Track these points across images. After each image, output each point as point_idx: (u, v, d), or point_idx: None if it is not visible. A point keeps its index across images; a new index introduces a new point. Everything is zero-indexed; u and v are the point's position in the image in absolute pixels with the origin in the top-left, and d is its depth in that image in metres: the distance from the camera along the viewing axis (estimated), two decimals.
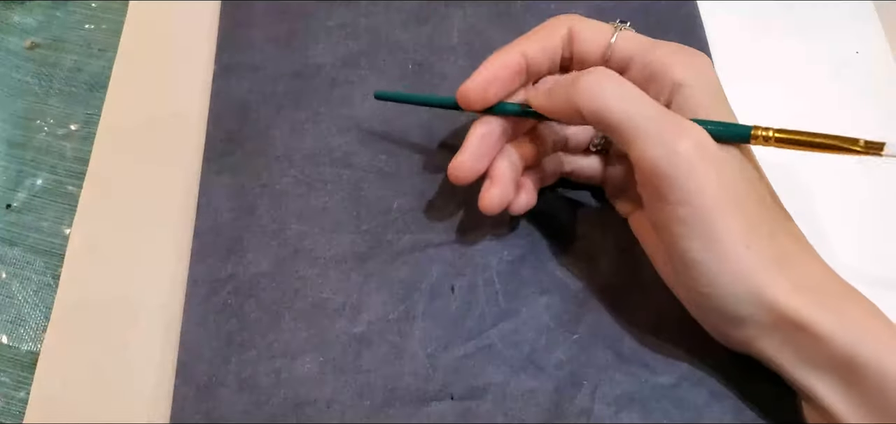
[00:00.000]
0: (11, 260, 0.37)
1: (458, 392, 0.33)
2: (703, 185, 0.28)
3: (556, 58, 0.33)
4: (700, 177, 0.28)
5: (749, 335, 0.30)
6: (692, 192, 0.28)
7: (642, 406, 0.32)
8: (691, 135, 0.28)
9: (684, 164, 0.28)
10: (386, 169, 0.38)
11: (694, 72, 0.31)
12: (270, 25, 0.43)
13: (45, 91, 0.43)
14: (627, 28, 0.33)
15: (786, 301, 0.28)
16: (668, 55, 0.31)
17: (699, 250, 0.28)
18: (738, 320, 0.29)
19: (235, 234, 0.36)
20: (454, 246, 0.36)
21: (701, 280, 0.29)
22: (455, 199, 0.37)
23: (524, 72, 0.33)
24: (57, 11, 0.46)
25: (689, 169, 0.28)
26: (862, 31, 0.43)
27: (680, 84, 0.30)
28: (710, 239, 0.28)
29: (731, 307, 0.29)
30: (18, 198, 0.39)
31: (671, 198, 0.28)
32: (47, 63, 0.44)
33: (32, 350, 0.35)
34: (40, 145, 0.41)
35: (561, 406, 0.32)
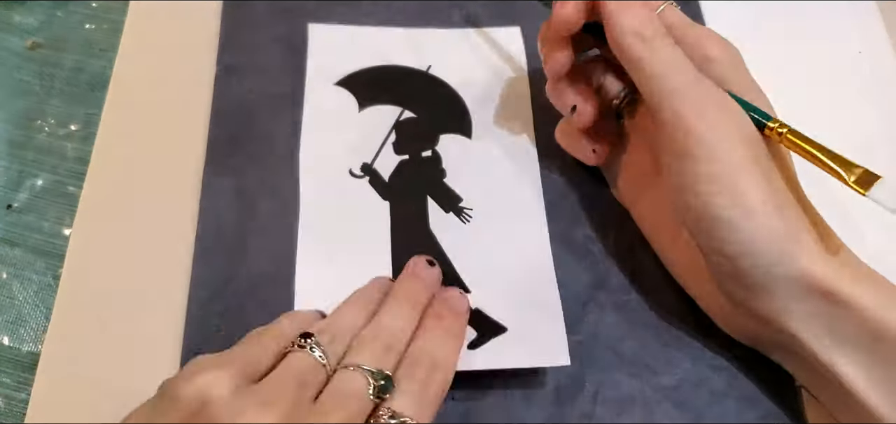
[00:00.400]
0: (12, 260, 0.37)
1: (459, 393, 0.32)
2: (733, 145, 0.29)
3: None
4: (730, 135, 0.29)
5: (775, 307, 0.29)
6: (721, 149, 0.29)
7: (643, 408, 0.32)
8: (722, 98, 0.30)
9: (714, 120, 0.29)
10: None
11: (726, 52, 0.33)
12: (272, 26, 0.43)
13: (46, 91, 0.43)
14: (675, 7, 0.34)
15: (820, 268, 0.28)
16: (705, 35, 0.33)
17: (727, 207, 0.29)
18: (767, 286, 0.29)
19: (237, 235, 0.36)
20: None
21: (730, 239, 0.29)
22: None
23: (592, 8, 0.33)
24: (58, 11, 0.46)
25: (718, 125, 0.29)
26: (864, 30, 0.43)
27: (712, 58, 0.32)
28: (739, 194, 0.29)
29: (761, 271, 0.29)
30: (19, 198, 0.39)
31: (699, 154, 0.29)
32: (48, 63, 0.44)
33: (33, 350, 0.35)
34: (41, 145, 0.41)
35: (562, 407, 0.32)
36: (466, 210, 0.37)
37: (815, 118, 0.41)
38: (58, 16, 0.45)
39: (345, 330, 0.30)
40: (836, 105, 0.41)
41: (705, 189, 0.29)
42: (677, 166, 0.30)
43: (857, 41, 0.43)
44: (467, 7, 0.44)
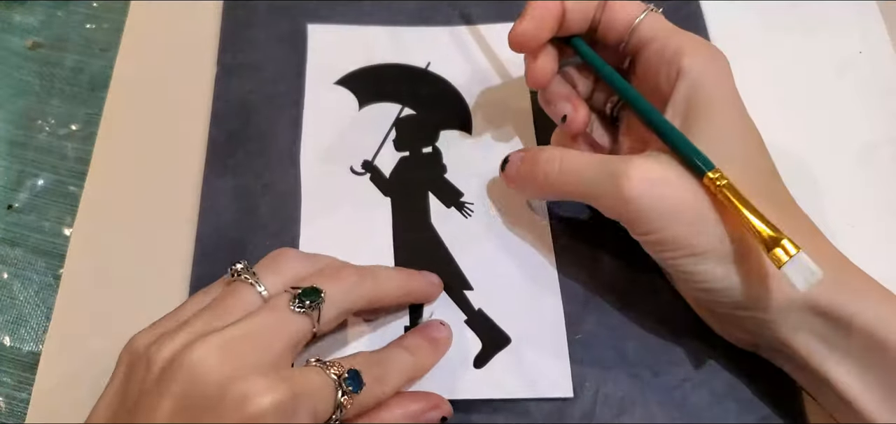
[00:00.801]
0: (13, 260, 0.37)
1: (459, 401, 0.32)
2: (675, 211, 0.29)
3: (589, 17, 0.34)
4: (669, 202, 0.29)
5: (764, 320, 0.30)
6: (663, 221, 0.29)
7: (643, 409, 0.32)
8: (632, 177, 0.29)
9: (637, 203, 0.29)
10: None
11: (705, 63, 0.32)
12: (272, 25, 0.43)
13: (47, 91, 0.43)
14: (658, 12, 0.34)
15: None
16: (684, 43, 0.32)
17: (690, 263, 0.30)
18: (753, 306, 0.29)
19: (237, 235, 0.36)
20: None
21: (704, 287, 0.30)
22: None
23: (561, 21, 0.34)
24: (58, 11, 0.46)
25: (647, 205, 0.29)
26: (865, 30, 0.43)
27: (683, 71, 0.31)
28: (697, 250, 0.29)
29: (746, 296, 0.29)
30: (20, 198, 0.39)
31: (645, 230, 0.30)
32: (49, 63, 0.44)
33: (34, 350, 0.35)
34: (42, 145, 0.41)
35: (563, 407, 0.32)
36: (468, 204, 0.37)
37: (816, 118, 0.41)
38: (58, 15, 0.45)
39: (287, 270, 0.31)
40: (837, 105, 0.41)
41: (662, 252, 0.30)
42: (632, 232, 0.31)
43: (857, 41, 0.43)
44: (466, 7, 0.44)
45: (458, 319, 0.34)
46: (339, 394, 0.27)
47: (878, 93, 0.41)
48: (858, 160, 0.39)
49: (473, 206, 0.37)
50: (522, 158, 0.34)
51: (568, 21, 0.34)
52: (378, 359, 0.30)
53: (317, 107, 0.40)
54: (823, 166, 0.39)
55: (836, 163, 0.39)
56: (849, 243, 0.36)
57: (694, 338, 0.33)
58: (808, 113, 0.41)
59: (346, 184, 0.38)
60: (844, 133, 0.40)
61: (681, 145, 0.30)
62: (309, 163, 0.38)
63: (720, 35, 0.43)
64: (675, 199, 0.29)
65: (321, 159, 0.39)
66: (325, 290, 0.29)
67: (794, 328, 0.29)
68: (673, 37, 0.32)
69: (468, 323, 0.34)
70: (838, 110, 0.41)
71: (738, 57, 0.42)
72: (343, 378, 0.27)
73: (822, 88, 0.41)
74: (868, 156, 0.39)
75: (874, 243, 0.37)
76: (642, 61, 0.34)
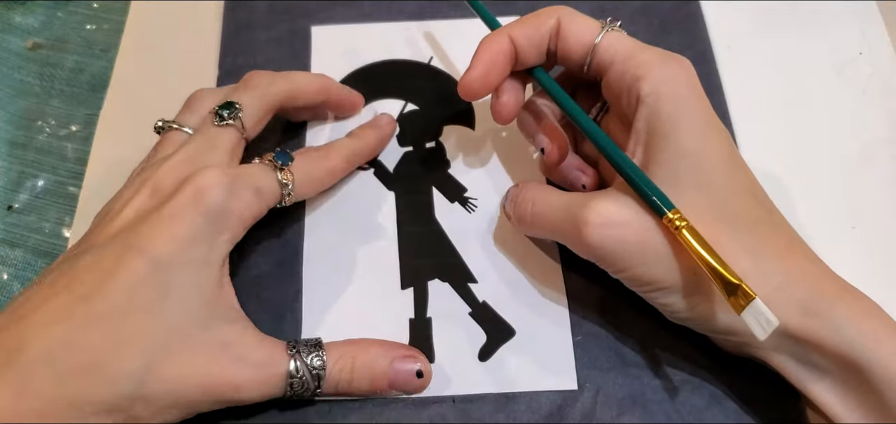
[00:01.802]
0: (13, 261, 0.37)
1: (460, 396, 0.32)
2: (637, 251, 0.29)
3: (543, 48, 0.33)
4: (618, 248, 0.29)
5: (740, 342, 0.30)
6: (625, 261, 0.30)
7: (644, 409, 0.32)
8: (590, 222, 0.29)
9: (599, 248, 0.30)
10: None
11: (661, 85, 0.30)
12: (273, 26, 0.43)
13: (47, 91, 0.43)
14: (617, 29, 0.33)
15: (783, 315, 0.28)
16: (642, 66, 0.31)
17: (660, 296, 0.30)
18: (726, 332, 0.30)
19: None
20: None
21: (678, 316, 0.31)
22: None
23: (513, 58, 0.33)
24: (58, 12, 0.46)
25: (609, 249, 0.29)
26: (865, 31, 0.43)
27: (642, 99, 0.30)
28: (663, 285, 0.30)
29: (718, 323, 0.30)
30: (20, 199, 0.39)
31: (612, 269, 0.31)
32: (49, 63, 0.44)
33: None
34: (41, 146, 0.41)
35: (563, 408, 0.32)
36: (471, 200, 0.37)
37: (815, 119, 0.41)
38: (58, 16, 0.45)
39: (203, 105, 0.35)
40: (837, 105, 0.41)
41: (633, 286, 0.31)
42: None
43: (857, 41, 0.43)
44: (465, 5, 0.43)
45: (462, 312, 0.34)
46: (276, 172, 0.32)
47: (877, 93, 0.41)
48: (859, 161, 0.39)
49: (477, 202, 0.37)
50: (510, 199, 0.35)
51: (522, 55, 0.33)
52: (317, 147, 0.37)
53: None
54: (823, 167, 0.39)
55: (837, 164, 0.39)
56: (849, 244, 0.36)
57: (693, 341, 0.33)
58: (807, 113, 0.41)
59: (351, 178, 0.38)
60: (844, 133, 0.40)
61: (639, 185, 0.29)
62: None
63: (720, 35, 0.43)
64: (635, 241, 0.29)
65: None
66: (239, 101, 0.34)
67: (770, 349, 0.29)
68: (631, 60, 0.31)
69: (472, 315, 0.34)
70: (838, 111, 0.41)
71: (737, 57, 0.42)
72: (270, 159, 0.33)
73: (822, 89, 0.41)
74: (868, 156, 0.39)
75: (874, 244, 0.37)
76: (606, 85, 0.33)
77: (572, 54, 0.33)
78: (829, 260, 0.36)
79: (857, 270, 0.35)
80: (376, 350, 0.31)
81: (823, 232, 0.37)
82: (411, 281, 0.35)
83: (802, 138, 0.40)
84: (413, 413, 0.32)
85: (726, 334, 0.30)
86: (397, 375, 0.31)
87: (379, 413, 0.32)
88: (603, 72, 0.33)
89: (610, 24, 0.33)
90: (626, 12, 0.43)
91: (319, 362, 0.30)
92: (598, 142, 0.31)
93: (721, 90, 0.40)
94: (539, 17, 0.33)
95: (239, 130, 0.33)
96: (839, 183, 0.38)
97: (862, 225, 0.37)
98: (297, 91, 0.36)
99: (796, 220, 0.37)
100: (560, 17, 0.33)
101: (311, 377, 0.30)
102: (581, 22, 0.33)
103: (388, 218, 0.37)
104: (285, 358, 0.30)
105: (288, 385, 0.30)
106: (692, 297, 0.29)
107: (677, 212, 0.28)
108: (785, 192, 0.38)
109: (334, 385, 0.31)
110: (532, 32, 0.33)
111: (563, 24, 0.33)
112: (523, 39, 0.33)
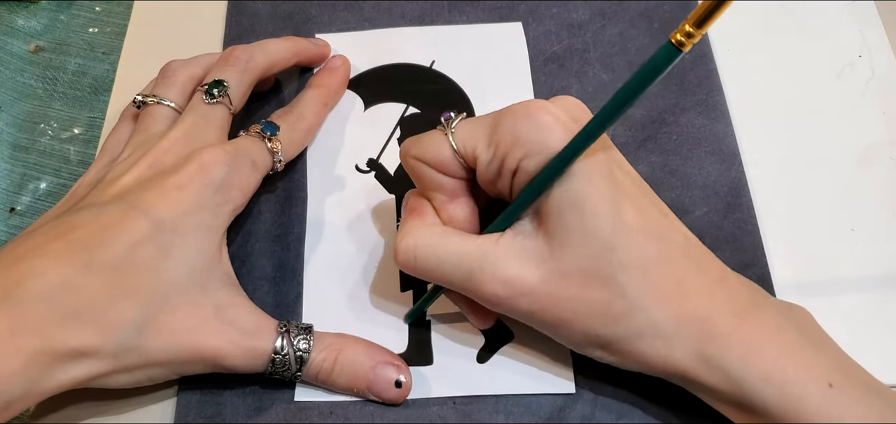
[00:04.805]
0: None
1: (459, 398, 0.33)
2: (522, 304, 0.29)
3: (460, 187, 0.31)
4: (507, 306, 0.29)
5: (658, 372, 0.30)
6: (518, 314, 0.29)
7: (644, 411, 0.32)
8: (487, 286, 0.28)
9: (493, 302, 0.29)
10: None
11: (522, 150, 0.28)
12: (275, 30, 0.43)
13: (49, 94, 0.43)
14: (454, 124, 0.30)
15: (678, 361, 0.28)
16: (502, 145, 0.28)
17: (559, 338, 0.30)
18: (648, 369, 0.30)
19: (239, 238, 0.36)
20: None
21: None
22: None
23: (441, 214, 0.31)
24: (61, 14, 0.46)
25: (498, 303, 0.29)
26: (865, 33, 0.43)
27: (513, 172, 0.28)
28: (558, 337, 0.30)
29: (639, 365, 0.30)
30: (22, 201, 0.39)
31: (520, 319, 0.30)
32: (51, 66, 0.44)
33: None
34: (44, 148, 0.41)
35: (563, 411, 0.32)
36: None
37: (816, 121, 0.41)
38: (61, 19, 0.46)
39: (180, 78, 0.36)
40: (837, 108, 0.41)
41: None
42: None
43: (856, 44, 0.43)
44: (467, 9, 0.44)
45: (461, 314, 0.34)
46: (266, 143, 0.34)
47: (877, 95, 0.41)
48: (858, 163, 0.39)
49: None
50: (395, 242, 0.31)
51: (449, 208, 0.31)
52: (288, 108, 0.38)
53: None
54: (823, 169, 0.39)
55: (837, 167, 0.39)
56: (848, 247, 0.37)
57: None
58: (807, 115, 0.41)
59: (352, 182, 0.38)
60: (844, 136, 0.40)
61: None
62: (315, 162, 0.39)
63: (720, 37, 0.43)
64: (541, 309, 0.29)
65: (327, 159, 0.39)
66: (225, 78, 0.35)
67: (681, 383, 0.30)
68: (489, 143, 0.29)
69: None
70: (838, 113, 0.41)
71: (738, 59, 0.42)
72: (257, 131, 0.35)
73: (822, 91, 0.41)
74: (868, 159, 0.39)
75: (874, 246, 0.37)
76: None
77: (449, 183, 0.30)
78: (829, 262, 0.36)
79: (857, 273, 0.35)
80: (362, 349, 0.32)
81: (823, 234, 0.37)
82: (411, 284, 0.35)
83: (802, 140, 0.40)
84: (413, 414, 0.32)
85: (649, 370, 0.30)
86: (377, 380, 0.31)
87: (379, 415, 0.32)
88: (475, 162, 0.29)
89: (445, 124, 0.30)
90: (626, 16, 0.43)
91: (306, 345, 0.31)
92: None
93: (721, 92, 0.40)
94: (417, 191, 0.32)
95: (227, 107, 0.35)
96: (839, 185, 0.38)
97: (861, 227, 0.37)
98: (274, 59, 0.38)
99: (796, 222, 0.37)
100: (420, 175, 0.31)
101: (295, 358, 0.31)
102: (433, 151, 0.30)
103: (388, 221, 0.37)
104: (274, 334, 0.31)
105: (270, 361, 0.30)
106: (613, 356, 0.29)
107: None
108: (785, 194, 0.38)
109: (315, 373, 0.31)
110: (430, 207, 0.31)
111: (427, 177, 0.30)
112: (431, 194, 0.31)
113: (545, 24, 0.43)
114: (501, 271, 0.28)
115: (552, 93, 0.41)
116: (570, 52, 0.42)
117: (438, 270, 0.29)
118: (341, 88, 0.41)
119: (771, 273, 0.35)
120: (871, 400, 0.26)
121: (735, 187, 0.37)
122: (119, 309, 0.28)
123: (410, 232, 0.30)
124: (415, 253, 0.30)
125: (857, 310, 0.35)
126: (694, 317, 0.28)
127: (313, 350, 0.31)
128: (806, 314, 0.30)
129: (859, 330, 0.34)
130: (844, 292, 0.35)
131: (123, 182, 0.31)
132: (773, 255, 0.36)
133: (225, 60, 0.36)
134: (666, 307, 0.28)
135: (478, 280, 0.28)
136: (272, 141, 0.35)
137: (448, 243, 0.29)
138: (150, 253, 0.29)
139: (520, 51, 0.42)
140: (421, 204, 0.31)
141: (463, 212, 0.31)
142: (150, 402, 0.33)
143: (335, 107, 0.41)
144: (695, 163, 0.38)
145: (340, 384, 0.32)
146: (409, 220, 0.31)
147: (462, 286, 0.29)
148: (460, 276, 0.29)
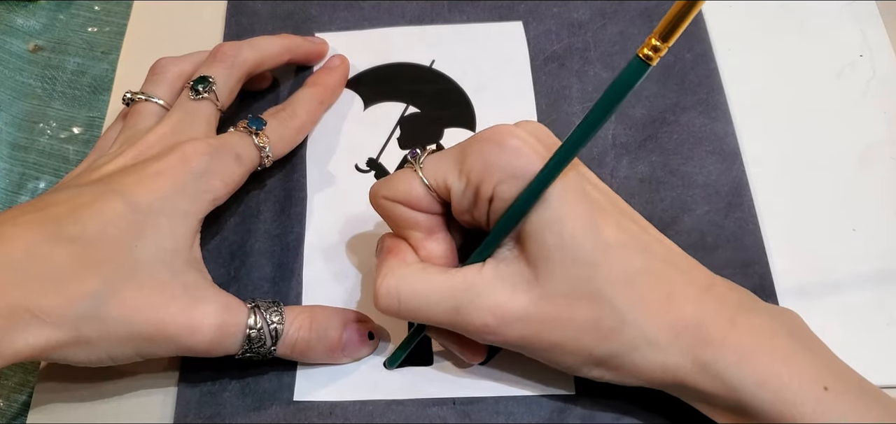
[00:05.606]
0: None
1: (460, 398, 0.32)
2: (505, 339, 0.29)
3: (436, 222, 0.31)
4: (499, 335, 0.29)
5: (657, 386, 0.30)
6: (510, 343, 0.29)
7: (643, 410, 0.32)
8: (476, 317, 0.28)
9: (484, 333, 0.29)
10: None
11: (494, 177, 0.28)
12: (274, 29, 0.43)
13: (48, 94, 0.43)
14: (422, 159, 0.30)
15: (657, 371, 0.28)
16: (474, 173, 0.28)
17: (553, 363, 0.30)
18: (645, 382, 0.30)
19: (239, 238, 0.36)
20: None
21: None
22: None
23: (424, 249, 0.31)
24: (60, 14, 0.46)
25: (489, 334, 0.29)
26: (866, 33, 0.43)
27: (490, 200, 0.28)
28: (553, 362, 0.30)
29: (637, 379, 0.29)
30: (21, 201, 0.39)
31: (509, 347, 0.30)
32: (50, 66, 0.44)
33: None
34: (43, 148, 0.41)
35: (563, 411, 0.32)
36: None
37: (816, 121, 0.41)
38: (60, 18, 0.46)
39: (169, 75, 0.36)
40: (837, 108, 0.41)
41: None
42: None
43: (857, 43, 0.43)
44: (467, 8, 0.44)
45: None
46: (253, 137, 0.34)
47: (878, 95, 0.41)
48: (859, 163, 0.39)
49: None
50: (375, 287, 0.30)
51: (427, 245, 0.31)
52: (283, 105, 0.38)
53: None
54: (824, 169, 0.39)
55: (838, 166, 0.39)
56: (850, 247, 0.36)
57: None
58: (808, 115, 0.41)
59: (351, 181, 0.38)
60: (845, 136, 0.40)
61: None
62: (315, 162, 0.39)
63: (721, 37, 0.43)
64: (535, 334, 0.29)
65: (326, 159, 0.39)
66: (212, 74, 0.35)
67: (678, 394, 0.29)
68: (459, 175, 0.29)
69: None
70: (839, 112, 0.41)
71: (737, 59, 0.42)
72: (244, 126, 0.35)
73: (823, 90, 0.41)
74: (869, 158, 0.39)
75: (875, 246, 0.37)
76: None
77: (426, 215, 0.30)
78: (830, 261, 0.36)
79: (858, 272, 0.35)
80: (331, 312, 0.33)
81: (824, 234, 0.37)
82: None
83: (803, 140, 0.40)
84: (413, 413, 0.32)
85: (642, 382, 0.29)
86: (350, 338, 0.32)
87: (379, 415, 0.32)
88: (449, 195, 0.30)
89: (411, 161, 0.30)
90: (626, 16, 0.43)
91: (278, 317, 0.31)
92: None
93: (722, 92, 0.40)
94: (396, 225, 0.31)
95: (214, 103, 0.35)
96: (840, 185, 0.38)
97: (862, 227, 0.37)
98: (264, 55, 0.38)
99: (797, 221, 0.37)
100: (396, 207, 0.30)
101: (270, 333, 0.31)
102: (403, 188, 0.30)
103: None
104: (245, 311, 0.31)
105: (245, 338, 0.30)
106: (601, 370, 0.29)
107: None
108: (786, 193, 0.38)
109: (291, 345, 0.31)
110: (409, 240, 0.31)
111: (402, 208, 0.30)
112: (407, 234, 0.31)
113: (545, 23, 0.43)
114: (489, 300, 0.28)
115: (553, 92, 0.41)
116: (570, 52, 0.42)
117: (425, 308, 0.29)
118: (339, 87, 0.40)
119: (772, 272, 0.35)
120: (866, 403, 0.26)
121: (736, 187, 0.37)
122: (84, 279, 0.28)
123: (391, 273, 0.29)
124: (397, 294, 0.29)
125: (858, 310, 0.34)
126: (686, 325, 0.28)
127: (285, 321, 0.31)
128: (797, 318, 0.29)
129: (860, 330, 0.34)
130: (845, 291, 0.35)
131: (106, 169, 0.32)
132: (774, 255, 0.36)
133: (213, 57, 0.36)
134: (656, 317, 0.28)
135: (466, 312, 0.28)
136: (259, 135, 0.35)
137: (432, 279, 0.29)
138: (123, 232, 0.29)
139: (520, 50, 0.42)
140: (397, 244, 0.31)
141: (441, 248, 0.31)
142: (149, 402, 0.33)
143: (335, 107, 0.41)
144: (696, 163, 0.38)
145: (318, 351, 0.32)
146: (387, 261, 0.30)
147: (450, 321, 0.29)
148: (447, 311, 0.29)
